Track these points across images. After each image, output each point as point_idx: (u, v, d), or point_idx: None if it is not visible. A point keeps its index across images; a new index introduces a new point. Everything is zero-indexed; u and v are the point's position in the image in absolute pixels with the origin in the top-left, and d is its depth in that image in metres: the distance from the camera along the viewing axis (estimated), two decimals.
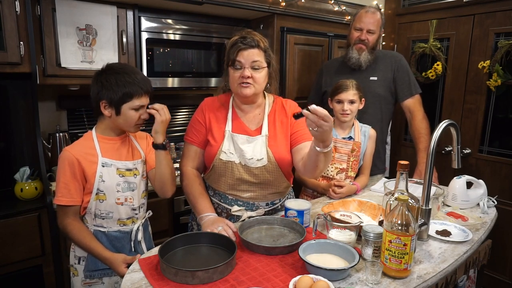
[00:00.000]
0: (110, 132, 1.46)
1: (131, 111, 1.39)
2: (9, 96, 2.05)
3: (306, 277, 1.08)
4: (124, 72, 1.39)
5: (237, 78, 1.48)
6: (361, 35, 2.16)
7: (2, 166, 2.04)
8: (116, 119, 1.41)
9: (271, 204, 1.65)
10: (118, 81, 1.36)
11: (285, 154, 1.57)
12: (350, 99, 1.95)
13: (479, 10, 2.60)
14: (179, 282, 1.10)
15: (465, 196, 1.77)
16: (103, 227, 1.44)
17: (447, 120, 1.41)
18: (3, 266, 1.78)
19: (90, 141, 1.43)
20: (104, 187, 1.40)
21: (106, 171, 1.41)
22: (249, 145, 1.53)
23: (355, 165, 2.01)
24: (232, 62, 1.48)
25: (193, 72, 2.54)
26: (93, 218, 1.43)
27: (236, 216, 1.59)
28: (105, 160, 1.41)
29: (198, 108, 1.64)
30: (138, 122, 1.43)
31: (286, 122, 1.60)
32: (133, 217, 1.49)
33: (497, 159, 2.60)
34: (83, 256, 1.44)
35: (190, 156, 1.62)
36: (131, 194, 1.46)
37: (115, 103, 1.37)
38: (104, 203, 1.41)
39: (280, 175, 1.59)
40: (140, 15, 2.26)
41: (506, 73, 2.45)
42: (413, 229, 1.13)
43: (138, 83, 1.38)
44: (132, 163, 1.48)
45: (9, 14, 1.73)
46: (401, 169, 1.30)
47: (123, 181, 1.44)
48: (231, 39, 1.52)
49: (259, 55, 1.48)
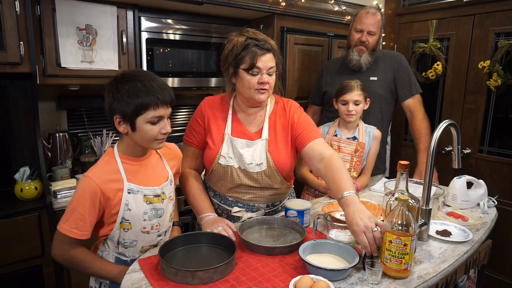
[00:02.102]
0: (133, 152, 1.28)
1: (147, 125, 1.20)
2: (9, 96, 2.05)
3: (306, 277, 1.08)
4: (137, 79, 1.19)
5: (254, 84, 1.42)
6: (362, 37, 2.16)
7: (2, 166, 2.04)
8: (133, 136, 1.23)
9: (272, 205, 1.64)
10: (130, 90, 1.17)
11: (285, 159, 1.53)
12: (355, 100, 1.95)
13: (479, 10, 2.60)
14: (179, 282, 1.10)
15: (465, 196, 1.77)
16: (125, 256, 1.31)
17: (447, 120, 1.41)
18: (3, 266, 1.77)
19: (113, 164, 1.25)
20: (130, 215, 1.24)
21: (132, 199, 1.24)
22: (248, 149, 1.51)
23: (358, 166, 2.02)
24: (251, 67, 1.40)
25: (193, 72, 2.54)
26: (116, 246, 1.30)
27: (236, 217, 1.59)
28: (132, 186, 1.24)
29: (198, 107, 1.62)
30: (159, 137, 1.24)
31: (287, 125, 1.56)
32: (158, 243, 1.36)
33: (497, 159, 2.60)
34: (104, 282, 1.32)
35: (189, 157, 1.62)
36: (157, 221, 1.32)
37: (128, 117, 1.19)
38: (129, 232, 1.27)
39: (280, 179, 1.56)
40: (140, 15, 2.26)
41: (506, 73, 2.45)
42: (413, 229, 1.13)
43: (153, 91, 1.18)
44: (159, 188, 1.31)
45: (9, 14, 1.73)
46: (401, 169, 1.30)
47: (150, 208, 1.28)
48: (237, 39, 1.43)
49: (273, 60, 1.44)
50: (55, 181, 2.10)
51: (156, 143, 1.26)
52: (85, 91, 2.34)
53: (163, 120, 1.24)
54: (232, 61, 1.43)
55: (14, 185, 1.90)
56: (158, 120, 1.22)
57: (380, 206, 1.60)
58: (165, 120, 1.25)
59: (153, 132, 1.22)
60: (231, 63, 1.44)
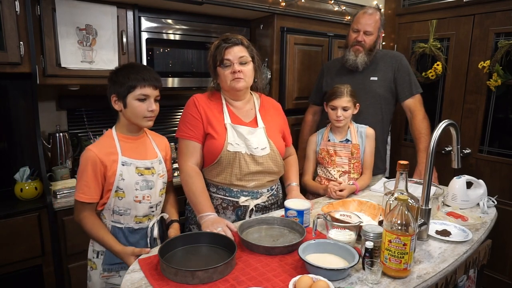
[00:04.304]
0: (128, 131, 1.51)
1: (135, 101, 1.43)
2: (9, 96, 2.05)
3: (306, 277, 1.08)
4: (130, 66, 1.49)
5: (228, 75, 1.58)
6: (358, 37, 2.16)
7: (2, 166, 2.04)
8: (126, 113, 1.46)
9: (270, 189, 1.73)
10: (124, 74, 1.44)
11: (281, 142, 1.73)
12: (343, 106, 1.98)
13: (479, 10, 2.60)
14: (179, 282, 1.10)
15: (465, 196, 1.77)
16: (120, 223, 1.47)
17: (447, 120, 1.41)
18: (3, 266, 1.78)
19: (111, 139, 1.48)
20: (124, 185, 1.43)
21: (126, 170, 1.44)
22: (252, 135, 1.62)
23: (357, 167, 2.02)
24: (221, 61, 1.57)
25: (193, 72, 2.54)
26: (111, 214, 1.46)
27: (243, 206, 1.62)
28: (125, 159, 1.45)
29: (188, 104, 1.68)
30: (146, 115, 1.46)
31: (277, 117, 1.78)
32: (150, 214, 1.52)
33: (497, 159, 2.60)
34: (101, 250, 1.47)
35: (189, 152, 1.62)
36: (148, 192, 1.49)
37: (122, 96, 1.44)
38: (123, 200, 1.45)
39: (281, 162, 1.71)
40: (140, 15, 2.26)
41: (506, 73, 2.45)
42: (412, 229, 1.13)
43: (141, 74, 1.44)
44: (150, 162, 1.51)
45: (9, 14, 1.73)
46: (401, 169, 1.30)
47: (141, 179, 1.47)
48: (212, 44, 1.63)
49: (244, 51, 1.59)
50: (55, 181, 2.10)
51: (144, 120, 1.47)
52: (85, 91, 2.34)
53: (149, 99, 1.45)
54: (212, 63, 1.63)
55: (14, 185, 1.91)
56: (144, 98, 1.44)
57: (380, 206, 1.60)
58: (151, 100, 1.46)
59: (141, 108, 1.44)
60: (211, 65, 1.64)
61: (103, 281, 1.48)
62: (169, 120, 2.86)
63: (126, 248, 1.41)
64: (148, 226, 1.51)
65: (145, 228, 1.51)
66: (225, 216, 1.64)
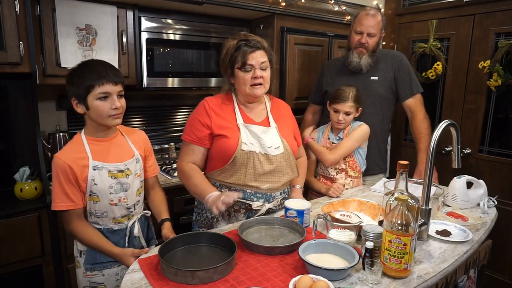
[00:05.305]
0: (97, 133, 1.43)
1: (96, 101, 1.34)
2: (9, 96, 2.05)
3: (306, 277, 1.08)
4: (85, 65, 1.38)
5: (249, 79, 1.55)
6: (362, 39, 2.14)
7: (2, 166, 2.04)
8: (90, 115, 1.38)
9: (283, 192, 1.71)
10: (79, 74, 1.34)
11: (293, 142, 1.72)
12: (346, 111, 1.98)
13: (479, 10, 2.60)
14: (179, 282, 1.10)
15: (465, 196, 1.77)
16: (98, 224, 1.45)
17: (447, 120, 1.41)
18: (3, 266, 1.78)
19: (79, 144, 1.41)
20: (97, 190, 1.39)
21: (98, 174, 1.39)
22: (265, 134, 1.61)
23: (353, 165, 2.04)
24: (243, 65, 1.54)
25: (193, 72, 2.54)
26: (89, 215, 1.44)
27: (255, 210, 1.61)
28: (96, 163, 1.39)
29: (199, 107, 1.64)
30: (111, 113, 1.37)
31: (288, 118, 1.77)
32: (128, 214, 1.49)
33: (497, 159, 2.60)
34: (83, 249, 1.45)
35: (188, 153, 1.62)
36: (124, 195, 1.45)
37: (82, 98, 1.35)
38: (98, 204, 1.41)
39: (294, 162, 1.69)
40: (140, 15, 2.26)
41: (506, 73, 2.45)
42: (413, 229, 1.13)
43: (97, 72, 1.34)
44: (123, 164, 1.45)
45: (9, 14, 1.73)
46: (401, 169, 1.30)
47: (115, 182, 1.42)
48: (230, 43, 1.58)
49: (264, 56, 1.57)
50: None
51: (110, 119, 1.39)
52: None
53: (111, 96, 1.37)
54: (228, 63, 1.59)
55: (14, 185, 1.91)
56: (105, 96, 1.36)
57: (380, 206, 1.60)
58: (114, 97, 1.37)
59: (104, 108, 1.36)
60: (227, 65, 1.59)
61: (86, 280, 1.46)
62: (169, 120, 2.86)
63: (125, 249, 1.40)
64: (127, 226, 1.48)
65: (125, 229, 1.48)
66: (236, 220, 1.63)
